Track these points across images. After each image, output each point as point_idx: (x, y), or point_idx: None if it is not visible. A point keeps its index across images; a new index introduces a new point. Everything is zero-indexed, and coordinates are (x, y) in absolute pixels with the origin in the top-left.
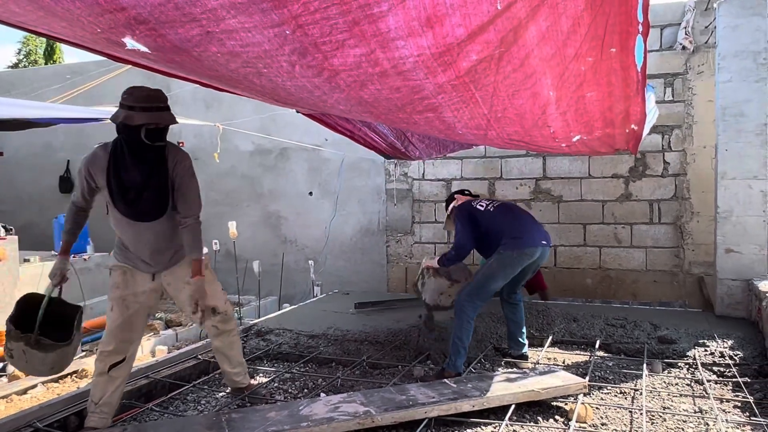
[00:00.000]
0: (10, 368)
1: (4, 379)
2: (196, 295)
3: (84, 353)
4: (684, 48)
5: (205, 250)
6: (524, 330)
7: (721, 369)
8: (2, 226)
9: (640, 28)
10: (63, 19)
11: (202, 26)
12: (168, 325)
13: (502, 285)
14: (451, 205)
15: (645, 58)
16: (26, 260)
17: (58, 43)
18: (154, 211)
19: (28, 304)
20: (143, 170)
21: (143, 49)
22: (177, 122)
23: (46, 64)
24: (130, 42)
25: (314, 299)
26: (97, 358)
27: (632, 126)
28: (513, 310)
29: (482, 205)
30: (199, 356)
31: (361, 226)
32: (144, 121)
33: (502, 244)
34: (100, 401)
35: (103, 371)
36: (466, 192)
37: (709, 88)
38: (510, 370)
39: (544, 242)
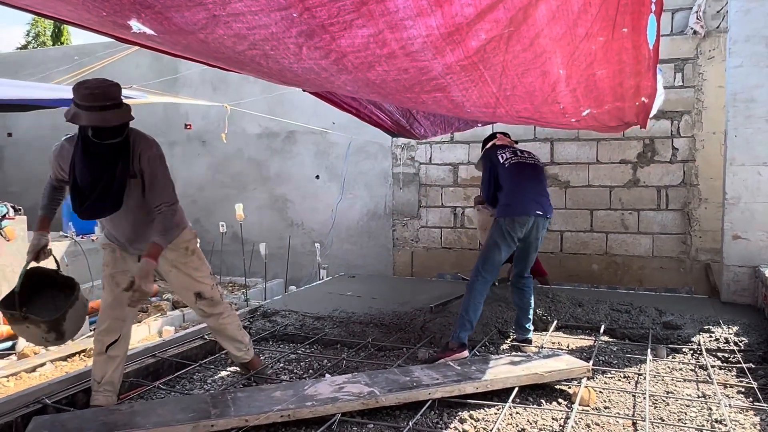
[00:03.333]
0: (19, 346)
1: (14, 357)
2: (139, 275)
3: (91, 333)
4: (695, 32)
5: (195, 237)
6: (531, 316)
7: (726, 355)
8: (11, 207)
9: (653, 7)
10: (68, 3)
11: (208, 10)
12: (175, 305)
13: (507, 255)
14: (489, 144)
15: (658, 36)
16: None
17: (65, 26)
18: (102, 210)
19: (30, 280)
20: (93, 168)
21: (149, 31)
22: (131, 119)
23: (54, 45)
24: (135, 25)
25: (320, 282)
26: (94, 338)
27: (642, 99)
28: (521, 296)
29: (502, 157)
30: (206, 336)
31: (368, 210)
32: (87, 123)
33: (498, 208)
34: (102, 380)
35: (101, 351)
36: (499, 134)
37: (719, 73)
38: (514, 353)
39: (538, 212)
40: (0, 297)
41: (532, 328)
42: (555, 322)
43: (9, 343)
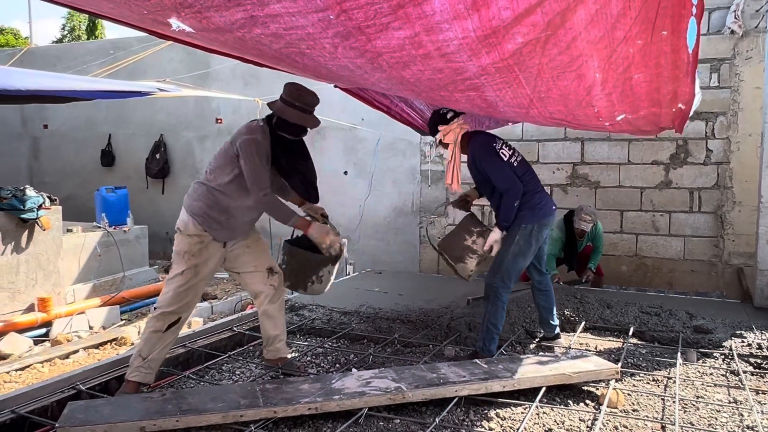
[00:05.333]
0: (53, 333)
1: (47, 344)
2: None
3: (123, 322)
4: (732, 32)
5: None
6: (555, 312)
7: (758, 360)
8: (47, 197)
9: (694, 10)
10: (110, 0)
11: (246, 10)
12: (204, 298)
13: (530, 260)
14: (456, 122)
15: (698, 40)
16: (69, 230)
17: (99, 19)
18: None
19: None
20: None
21: (188, 29)
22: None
23: (88, 39)
24: (175, 23)
25: (347, 277)
26: (156, 316)
27: (679, 105)
28: (545, 297)
29: (505, 155)
30: (234, 328)
31: (395, 207)
32: (312, 125)
33: (522, 212)
34: (148, 357)
35: (159, 329)
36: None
37: (757, 74)
38: (541, 353)
39: (554, 207)
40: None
41: (558, 322)
42: (583, 323)
43: (44, 330)
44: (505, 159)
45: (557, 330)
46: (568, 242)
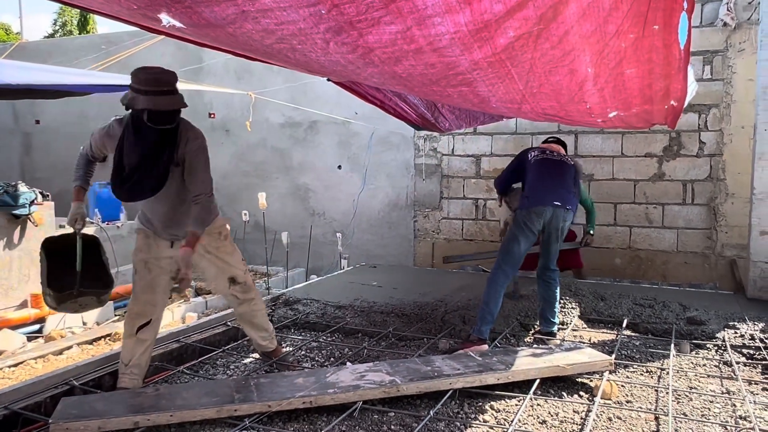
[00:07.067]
0: (47, 329)
1: (41, 340)
2: (181, 263)
3: (117, 317)
4: (725, 24)
5: (227, 224)
6: (556, 309)
7: (751, 351)
8: (39, 193)
9: (685, 5)
10: None
11: (237, 5)
12: (198, 292)
13: (527, 247)
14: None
15: (689, 36)
16: (62, 226)
17: (91, 14)
18: (142, 192)
19: (50, 256)
20: (142, 151)
21: (179, 24)
22: (185, 106)
23: (80, 34)
24: (165, 18)
25: (341, 271)
26: (125, 320)
27: (672, 102)
28: (546, 288)
29: (531, 155)
30: (228, 323)
31: (389, 201)
32: (145, 106)
33: (519, 201)
34: (129, 362)
35: (131, 333)
36: (551, 139)
37: (750, 66)
38: (536, 345)
39: (556, 203)
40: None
41: (557, 321)
42: (577, 315)
43: (37, 326)
44: (530, 159)
45: (554, 328)
46: None
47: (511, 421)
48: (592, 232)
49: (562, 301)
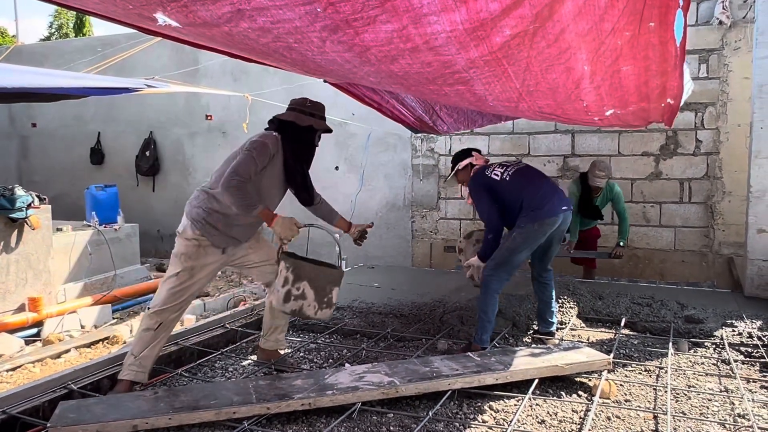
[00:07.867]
0: (45, 333)
1: (39, 344)
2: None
3: (114, 321)
4: (721, 23)
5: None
6: (554, 309)
7: (749, 349)
8: (36, 196)
9: (681, 2)
10: None
11: (233, 4)
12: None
13: (527, 257)
14: (464, 163)
15: (685, 32)
16: (59, 229)
17: (87, 17)
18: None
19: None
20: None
21: (174, 24)
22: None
23: (76, 36)
24: (161, 17)
25: None
26: (149, 315)
27: (668, 100)
28: (543, 289)
29: (497, 174)
30: (227, 325)
31: (387, 201)
32: (320, 128)
33: (522, 216)
34: (140, 354)
35: (151, 327)
36: (473, 152)
37: (745, 64)
38: (534, 345)
39: (564, 208)
40: None
41: (555, 321)
42: (575, 314)
43: (34, 330)
44: (499, 178)
45: (552, 328)
46: (584, 199)
47: (510, 421)
48: (622, 243)
49: (560, 301)
